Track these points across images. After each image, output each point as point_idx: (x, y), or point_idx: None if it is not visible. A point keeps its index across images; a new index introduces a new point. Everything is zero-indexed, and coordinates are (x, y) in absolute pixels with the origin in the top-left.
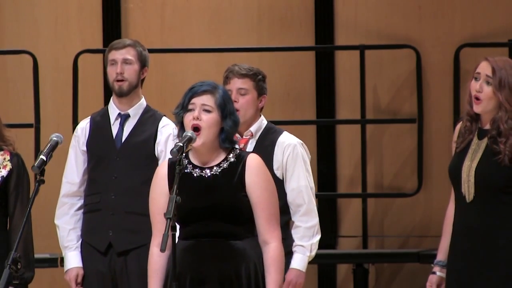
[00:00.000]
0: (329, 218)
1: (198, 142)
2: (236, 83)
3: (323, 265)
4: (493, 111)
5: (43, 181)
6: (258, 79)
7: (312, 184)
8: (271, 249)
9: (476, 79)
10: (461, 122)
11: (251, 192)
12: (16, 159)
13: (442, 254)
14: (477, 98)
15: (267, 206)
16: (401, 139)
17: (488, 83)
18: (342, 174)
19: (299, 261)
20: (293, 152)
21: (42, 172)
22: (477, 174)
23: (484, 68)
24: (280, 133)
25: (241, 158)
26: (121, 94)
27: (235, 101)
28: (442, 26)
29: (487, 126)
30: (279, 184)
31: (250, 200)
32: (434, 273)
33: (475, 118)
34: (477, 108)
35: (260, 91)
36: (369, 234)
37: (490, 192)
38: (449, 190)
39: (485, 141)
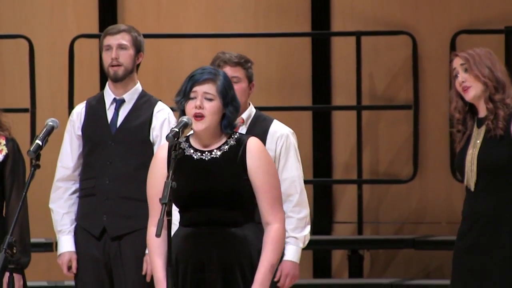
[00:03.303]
0: (325, 204)
1: (200, 127)
2: (229, 72)
3: (318, 251)
4: (485, 94)
5: (38, 166)
6: (248, 67)
7: (302, 173)
8: (273, 229)
9: (456, 76)
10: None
11: (253, 176)
12: (12, 144)
13: None
14: (466, 87)
15: (270, 190)
16: (397, 125)
17: (466, 70)
18: (337, 161)
19: (293, 252)
20: (286, 142)
21: (37, 157)
22: (479, 160)
23: (457, 61)
24: (270, 121)
25: (241, 142)
26: (116, 79)
27: None
28: (438, 13)
29: (484, 114)
30: None
31: (253, 184)
32: None
33: (466, 119)
34: (468, 96)
35: (250, 78)
36: (364, 221)
37: (492, 174)
38: (445, 177)
39: (483, 128)
